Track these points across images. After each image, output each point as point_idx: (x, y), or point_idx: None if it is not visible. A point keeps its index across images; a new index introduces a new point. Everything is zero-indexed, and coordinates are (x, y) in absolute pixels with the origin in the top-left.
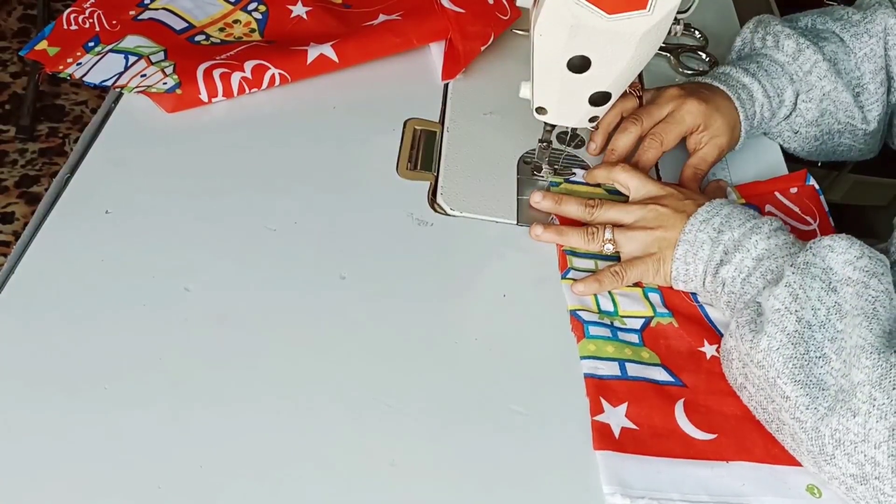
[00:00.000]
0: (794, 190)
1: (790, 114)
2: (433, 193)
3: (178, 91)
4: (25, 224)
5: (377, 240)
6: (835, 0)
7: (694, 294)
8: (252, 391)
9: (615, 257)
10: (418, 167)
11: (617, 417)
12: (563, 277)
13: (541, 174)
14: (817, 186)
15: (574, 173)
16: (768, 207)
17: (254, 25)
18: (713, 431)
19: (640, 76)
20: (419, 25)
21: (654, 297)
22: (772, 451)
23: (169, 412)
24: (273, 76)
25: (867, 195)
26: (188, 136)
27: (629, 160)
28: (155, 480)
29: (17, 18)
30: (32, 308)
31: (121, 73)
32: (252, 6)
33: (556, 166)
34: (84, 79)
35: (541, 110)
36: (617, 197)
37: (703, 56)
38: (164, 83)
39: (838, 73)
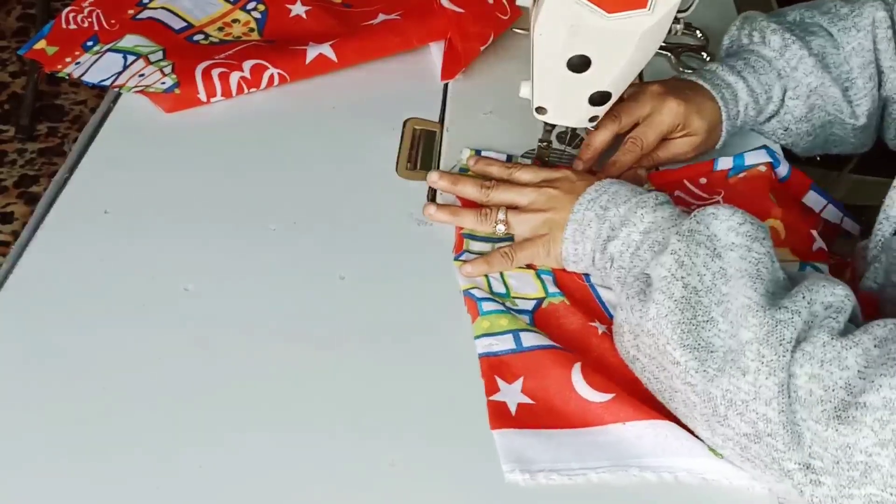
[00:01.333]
0: (703, 180)
1: (778, 110)
2: (433, 193)
3: (177, 91)
4: (24, 224)
5: (377, 240)
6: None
7: (586, 275)
8: (252, 391)
9: (508, 238)
10: (418, 167)
11: (513, 394)
12: (456, 259)
13: None
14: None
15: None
16: (677, 193)
17: (253, 25)
18: (610, 391)
19: (640, 75)
20: (419, 25)
21: (547, 279)
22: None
23: (168, 412)
24: (272, 76)
25: (868, 195)
26: (187, 136)
27: (603, 160)
28: (154, 481)
29: (16, 18)
30: (31, 308)
31: (119, 73)
32: (251, 5)
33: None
34: (83, 78)
35: (541, 110)
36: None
37: (704, 55)
38: (163, 83)
39: (826, 67)
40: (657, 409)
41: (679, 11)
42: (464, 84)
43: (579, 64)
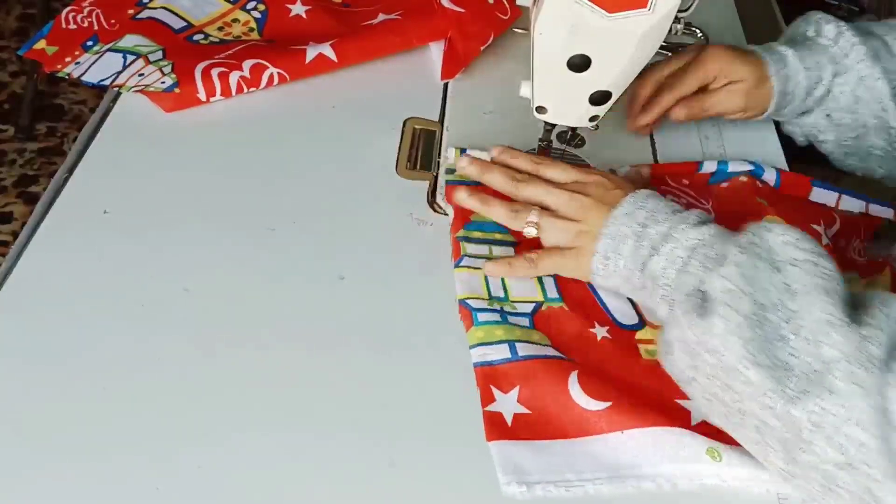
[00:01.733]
0: (685, 181)
1: (826, 94)
2: (433, 193)
3: (177, 90)
4: (24, 224)
5: (376, 240)
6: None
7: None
8: (251, 391)
9: (507, 243)
10: (418, 167)
11: (509, 404)
12: (457, 266)
13: None
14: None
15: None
16: (662, 188)
17: (253, 24)
18: (608, 399)
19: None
20: (419, 25)
21: (548, 281)
22: (670, 415)
23: (168, 412)
24: (272, 75)
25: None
26: (186, 136)
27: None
28: (154, 481)
29: (16, 17)
30: (31, 308)
31: (119, 73)
32: (251, 5)
33: None
34: (82, 78)
35: (541, 109)
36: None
37: None
38: (162, 82)
39: (877, 58)
40: (657, 414)
41: (679, 11)
42: (464, 84)
43: (579, 63)
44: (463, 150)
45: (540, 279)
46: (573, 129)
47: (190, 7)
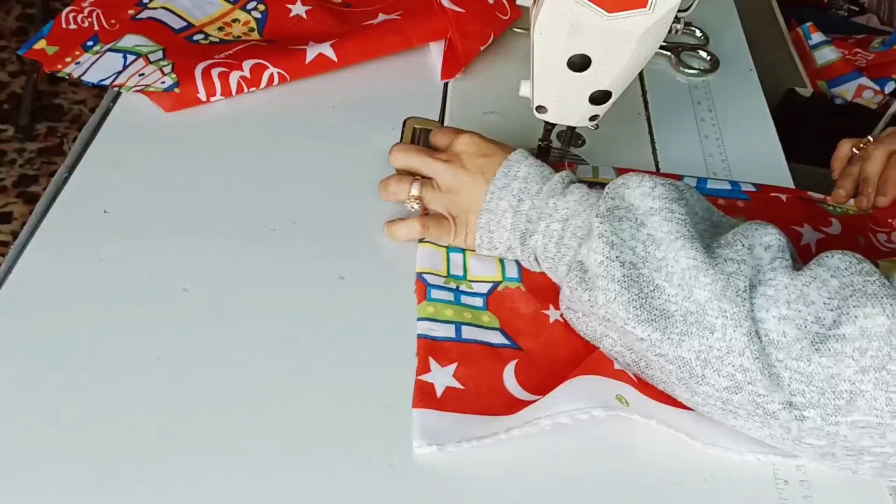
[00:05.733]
0: None
1: None
2: None
3: (176, 90)
4: (23, 224)
5: (377, 240)
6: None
7: None
8: (251, 391)
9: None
10: None
11: (444, 377)
12: (421, 241)
13: None
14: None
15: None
16: None
17: (253, 24)
18: (540, 392)
19: (640, 75)
20: (419, 25)
21: (510, 262)
22: (595, 366)
23: (167, 412)
24: (272, 75)
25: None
26: (186, 136)
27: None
28: (154, 481)
29: (16, 17)
30: (30, 308)
31: (119, 73)
32: (251, 5)
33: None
34: (82, 78)
35: (541, 109)
36: None
37: (704, 55)
38: (162, 82)
39: None
40: (581, 370)
41: (679, 11)
42: (464, 84)
43: (579, 63)
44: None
45: (501, 261)
46: (573, 129)
47: (190, 7)
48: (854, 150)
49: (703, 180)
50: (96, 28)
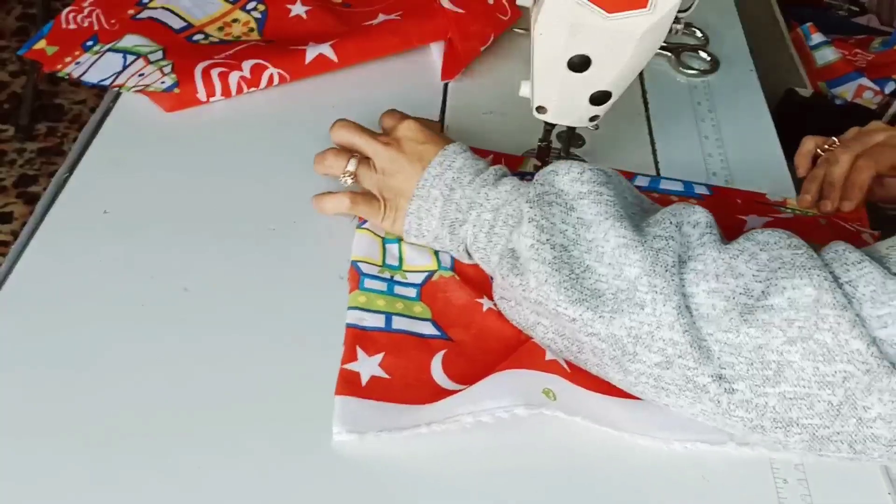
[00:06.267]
0: None
1: None
2: None
3: (176, 90)
4: (24, 224)
5: None
6: (836, 1)
7: None
8: (251, 391)
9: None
10: None
11: (369, 366)
12: (359, 227)
13: None
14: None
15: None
16: None
17: (253, 25)
18: (466, 383)
19: (640, 75)
20: (419, 25)
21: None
22: (525, 358)
23: (167, 411)
24: (272, 76)
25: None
26: (186, 136)
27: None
28: (153, 480)
29: (16, 17)
30: (30, 308)
31: (119, 73)
32: (251, 5)
33: None
34: (82, 78)
35: (541, 109)
36: None
37: (704, 55)
38: (162, 82)
39: None
40: (510, 361)
41: (680, 11)
42: (464, 84)
43: (579, 63)
44: None
45: (436, 251)
46: (573, 129)
47: (190, 7)
48: (819, 150)
49: (655, 180)
50: (96, 28)
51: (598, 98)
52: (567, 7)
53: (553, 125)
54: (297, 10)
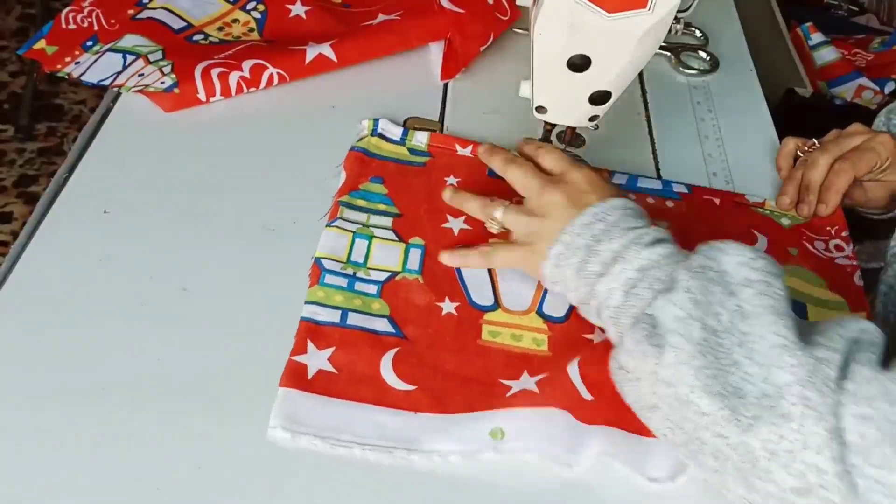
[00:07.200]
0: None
1: None
2: None
3: (176, 90)
4: (24, 224)
5: None
6: (836, 1)
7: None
8: (251, 390)
9: (387, 213)
10: None
11: (318, 360)
12: (329, 226)
13: None
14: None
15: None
16: None
17: (252, 25)
18: (414, 383)
19: (640, 75)
20: (418, 25)
21: (413, 255)
22: (469, 404)
23: (167, 412)
24: (271, 76)
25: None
26: (186, 136)
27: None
28: (153, 481)
29: (16, 17)
30: (30, 308)
31: (118, 73)
32: (251, 5)
33: None
34: (82, 78)
35: (541, 109)
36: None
37: (704, 55)
38: (162, 82)
39: None
40: (456, 405)
41: (679, 11)
42: (464, 84)
43: (579, 63)
44: (376, 122)
45: (406, 253)
46: (573, 129)
47: (190, 7)
48: (799, 151)
49: (633, 178)
50: (96, 28)
51: (598, 98)
52: (567, 7)
53: (553, 125)
54: (297, 10)
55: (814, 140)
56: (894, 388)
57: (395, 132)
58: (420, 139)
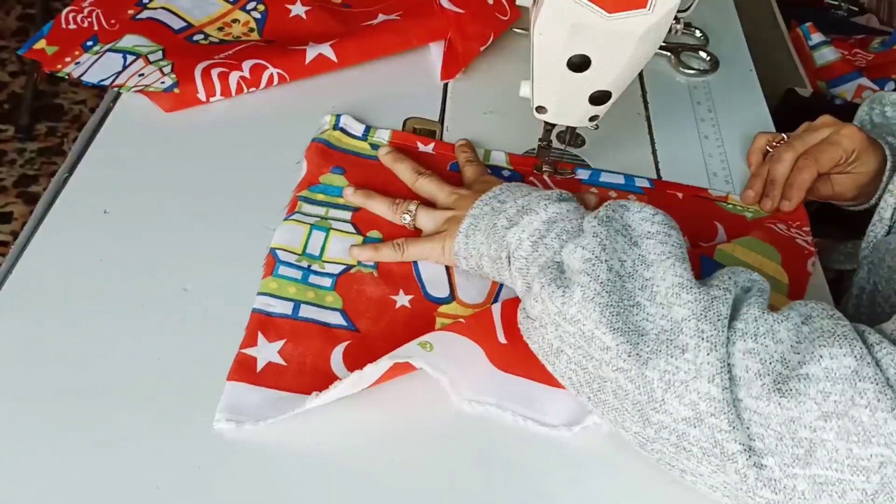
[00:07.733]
0: (558, 177)
1: None
2: None
3: (176, 90)
4: (24, 224)
5: None
6: (836, 1)
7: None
8: None
9: (344, 207)
10: None
11: (268, 352)
12: (286, 219)
13: (541, 173)
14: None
15: (574, 173)
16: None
17: (252, 25)
18: None
19: (640, 75)
20: (419, 25)
21: None
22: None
23: (167, 412)
24: (271, 76)
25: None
26: (186, 136)
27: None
28: (153, 481)
29: (16, 17)
30: (30, 308)
31: (119, 73)
32: (251, 5)
33: (556, 166)
34: (82, 78)
35: (541, 109)
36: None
37: (704, 55)
38: (162, 82)
39: None
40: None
41: (679, 11)
42: (464, 84)
43: (579, 63)
44: (338, 117)
45: (365, 243)
46: (573, 129)
47: (190, 7)
48: (768, 146)
49: (596, 172)
50: (96, 28)
51: (598, 98)
52: (567, 7)
53: (553, 125)
54: (297, 10)
55: (783, 135)
56: (780, 329)
57: (357, 128)
58: (382, 136)
